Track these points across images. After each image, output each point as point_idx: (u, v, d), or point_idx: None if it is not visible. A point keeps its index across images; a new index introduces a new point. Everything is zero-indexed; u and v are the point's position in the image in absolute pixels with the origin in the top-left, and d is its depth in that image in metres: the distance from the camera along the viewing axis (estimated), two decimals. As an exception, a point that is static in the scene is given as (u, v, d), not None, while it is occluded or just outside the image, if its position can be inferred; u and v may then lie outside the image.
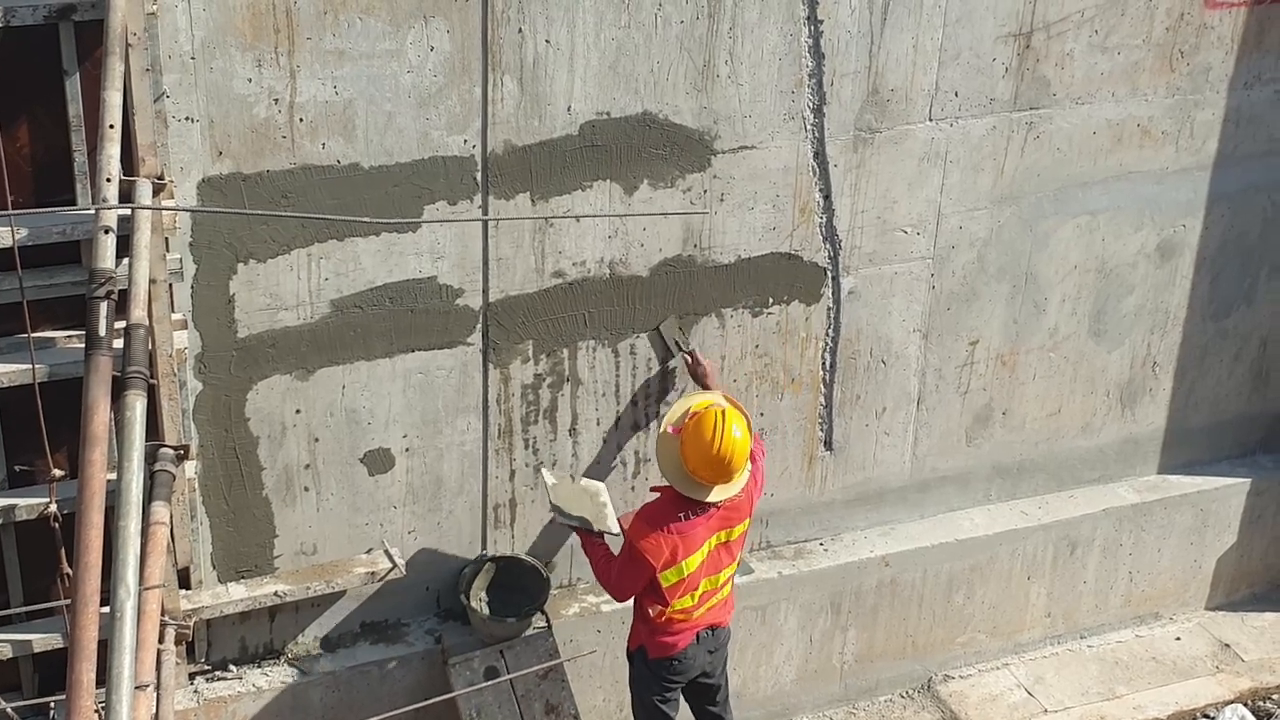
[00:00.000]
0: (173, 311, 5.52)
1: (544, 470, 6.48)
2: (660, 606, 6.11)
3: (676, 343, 6.63)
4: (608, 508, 6.34)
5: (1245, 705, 7.71)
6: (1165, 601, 8.34)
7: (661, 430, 6.09)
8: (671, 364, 6.72)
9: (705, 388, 6.53)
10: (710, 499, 5.98)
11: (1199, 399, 8.06)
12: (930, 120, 6.76)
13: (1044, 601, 7.96)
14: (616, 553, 6.19)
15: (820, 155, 6.61)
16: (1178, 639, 8.26)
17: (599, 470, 6.78)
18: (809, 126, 6.53)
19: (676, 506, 5.99)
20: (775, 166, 6.54)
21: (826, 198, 6.71)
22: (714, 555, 6.12)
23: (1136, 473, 8.11)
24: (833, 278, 6.89)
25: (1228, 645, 8.23)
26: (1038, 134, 7.00)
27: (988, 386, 7.46)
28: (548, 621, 6.76)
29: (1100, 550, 7.98)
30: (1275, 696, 7.86)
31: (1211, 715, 7.63)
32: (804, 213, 6.70)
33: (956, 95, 6.75)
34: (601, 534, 6.22)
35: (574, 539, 6.64)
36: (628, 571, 6.06)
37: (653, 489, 6.24)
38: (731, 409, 5.98)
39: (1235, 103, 7.36)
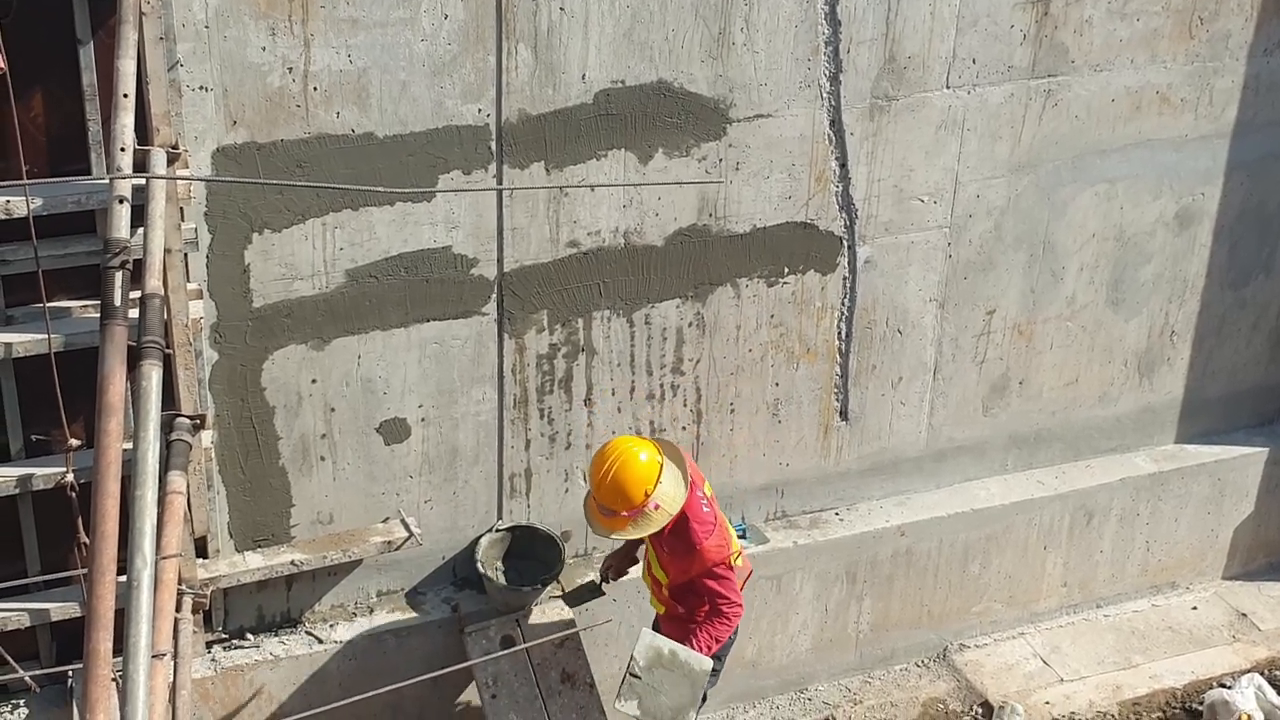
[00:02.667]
0: (188, 281, 5.53)
1: (620, 704, 5.97)
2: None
3: (589, 589, 6.79)
4: (678, 652, 5.97)
5: (1262, 674, 7.70)
6: (1182, 571, 8.33)
7: (607, 523, 6.00)
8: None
9: (634, 562, 6.67)
10: (674, 468, 5.98)
11: (1217, 368, 8.03)
12: (947, 88, 6.72)
13: (1060, 571, 7.96)
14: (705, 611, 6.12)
15: (836, 123, 6.58)
16: (1194, 608, 8.25)
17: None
18: (825, 94, 6.50)
19: (694, 509, 6.00)
20: (791, 135, 6.51)
21: (843, 166, 6.68)
22: (718, 510, 6.25)
23: (1154, 442, 8.08)
24: (849, 247, 6.86)
25: (1244, 614, 8.21)
26: (1056, 101, 6.95)
27: (1004, 356, 7.44)
28: (564, 591, 6.77)
29: (1117, 520, 7.96)
30: (1292, 666, 7.86)
31: (1228, 684, 7.63)
32: (820, 181, 6.67)
33: (974, 62, 6.71)
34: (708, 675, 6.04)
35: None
36: (729, 580, 6.06)
37: (676, 536, 6.11)
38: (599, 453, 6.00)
39: (1255, 70, 7.31)
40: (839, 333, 7.03)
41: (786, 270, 6.79)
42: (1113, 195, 7.29)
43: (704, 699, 6.14)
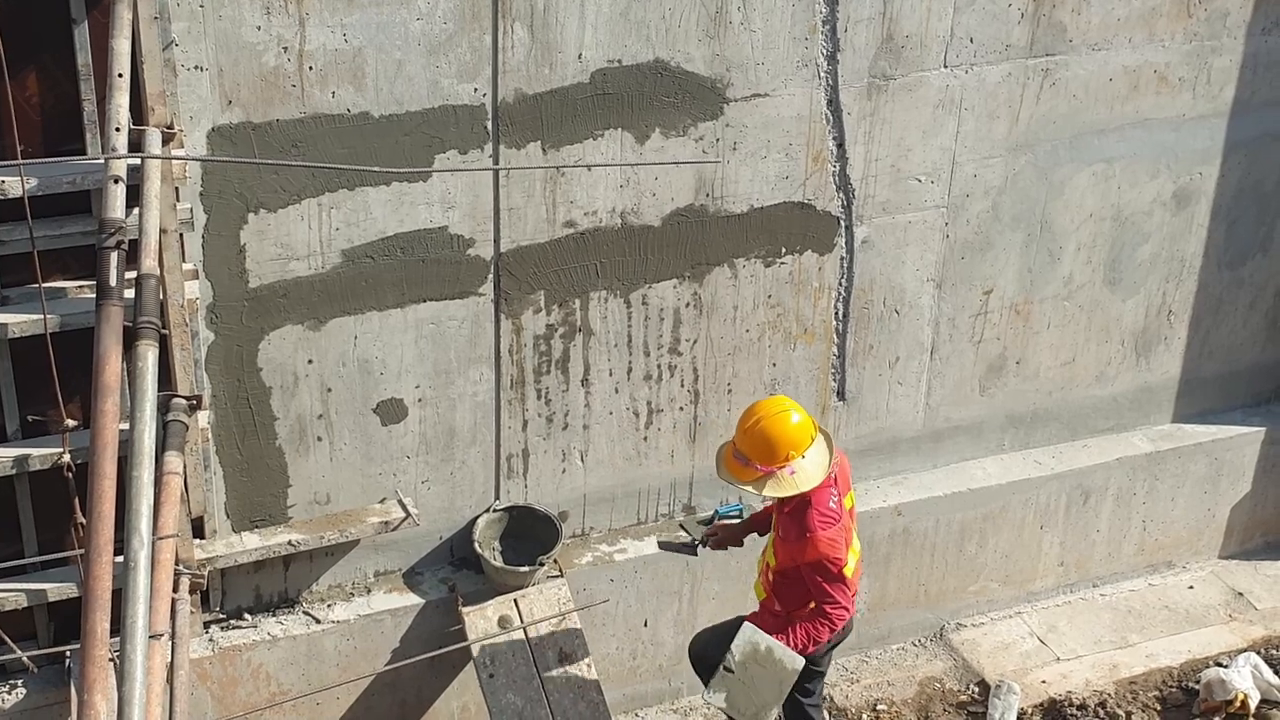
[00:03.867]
0: (184, 261, 5.51)
1: (708, 694, 5.93)
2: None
3: (692, 538, 6.67)
4: (773, 650, 5.92)
5: (1258, 653, 7.71)
6: (1178, 550, 8.34)
7: (740, 471, 5.85)
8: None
9: (739, 543, 6.56)
10: (822, 445, 5.86)
11: (1213, 348, 8.03)
12: (945, 67, 6.71)
13: (1057, 550, 7.97)
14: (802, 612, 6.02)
15: (834, 103, 6.57)
16: (1191, 588, 8.27)
17: (612, 422, 6.77)
18: (822, 74, 6.48)
19: (822, 499, 5.85)
20: (788, 114, 6.50)
21: (840, 146, 6.67)
22: (850, 518, 6.09)
23: (1150, 422, 8.09)
24: (846, 227, 6.85)
25: (1241, 594, 8.23)
26: (1053, 81, 6.94)
27: (1001, 336, 7.44)
28: (560, 570, 6.78)
29: (1114, 499, 7.97)
30: (1288, 645, 7.88)
31: (1224, 663, 7.64)
32: (817, 161, 6.66)
33: (972, 41, 6.69)
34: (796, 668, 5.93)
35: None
36: (838, 581, 5.90)
37: (773, 509, 6.08)
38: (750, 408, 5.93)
39: (1253, 49, 7.29)
40: (836, 313, 7.02)
41: (784, 250, 6.78)
42: (1110, 175, 7.28)
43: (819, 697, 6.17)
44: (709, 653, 6.13)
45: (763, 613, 6.16)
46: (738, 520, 6.91)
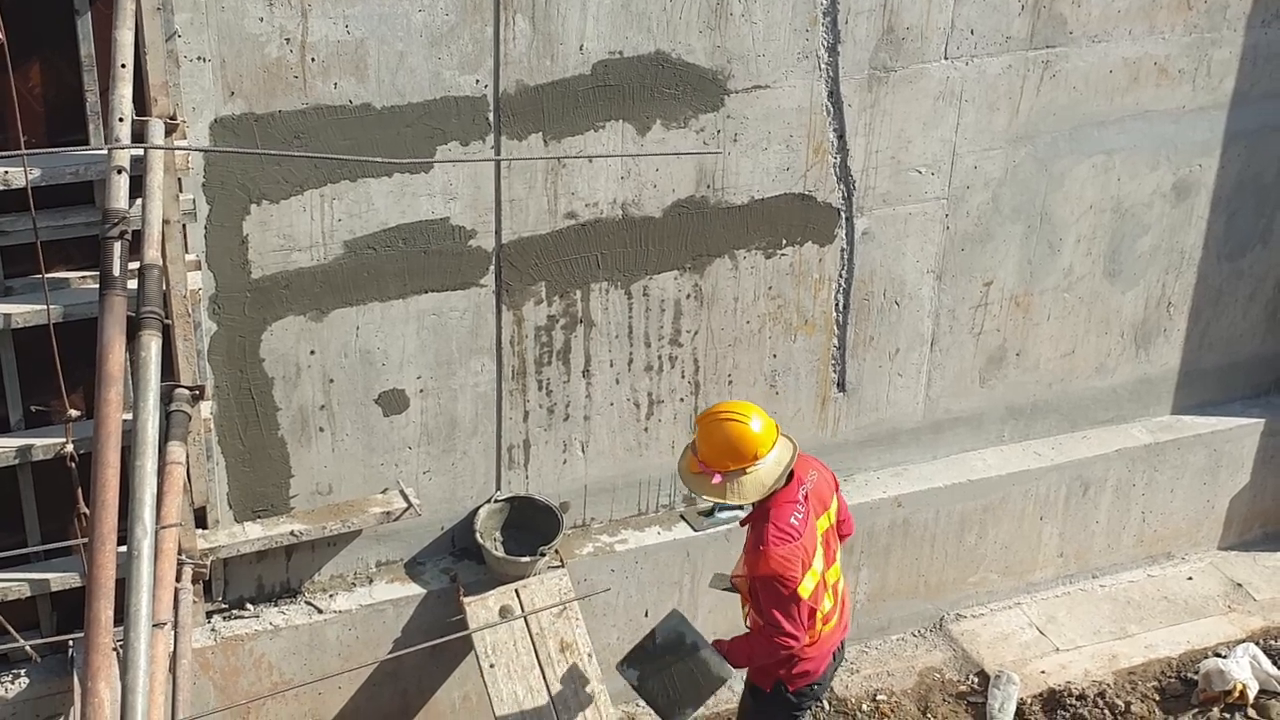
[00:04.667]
0: (186, 252, 5.53)
1: (622, 668, 5.90)
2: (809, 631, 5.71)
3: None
4: (701, 648, 5.80)
5: (1257, 644, 7.73)
6: (1178, 541, 8.36)
7: (694, 477, 5.66)
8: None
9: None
10: (783, 460, 5.59)
11: (1213, 339, 8.04)
12: (946, 59, 6.72)
13: (1056, 541, 7.99)
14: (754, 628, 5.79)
15: (835, 94, 6.58)
16: (1190, 579, 8.29)
17: (613, 413, 6.79)
18: (823, 65, 6.50)
19: (781, 515, 5.57)
20: (789, 106, 6.51)
21: (841, 138, 6.68)
22: (826, 544, 5.78)
23: (1150, 413, 8.10)
24: (846, 219, 6.87)
25: (1240, 585, 8.25)
26: (1054, 72, 6.95)
27: (1001, 327, 7.45)
28: (561, 561, 6.80)
29: (1113, 490, 7.99)
30: (1286, 636, 7.90)
31: (1223, 654, 7.66)
32: (818, 153, 6.67)
33: (972, 33, 6.70)
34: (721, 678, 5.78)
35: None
36: (791, 604, 5.53)
37: (742, 524, 5.86)
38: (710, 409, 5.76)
39: (1253, 40, 7.30)
40: (836, 304, 7.04)
41: (784, 242, 6.79)
42: (1110, 167, 7.30)
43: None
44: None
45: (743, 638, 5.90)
46: (738, 509, 6.95)
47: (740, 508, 6.73)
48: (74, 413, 5.54)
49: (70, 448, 5.47)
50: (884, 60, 6.59)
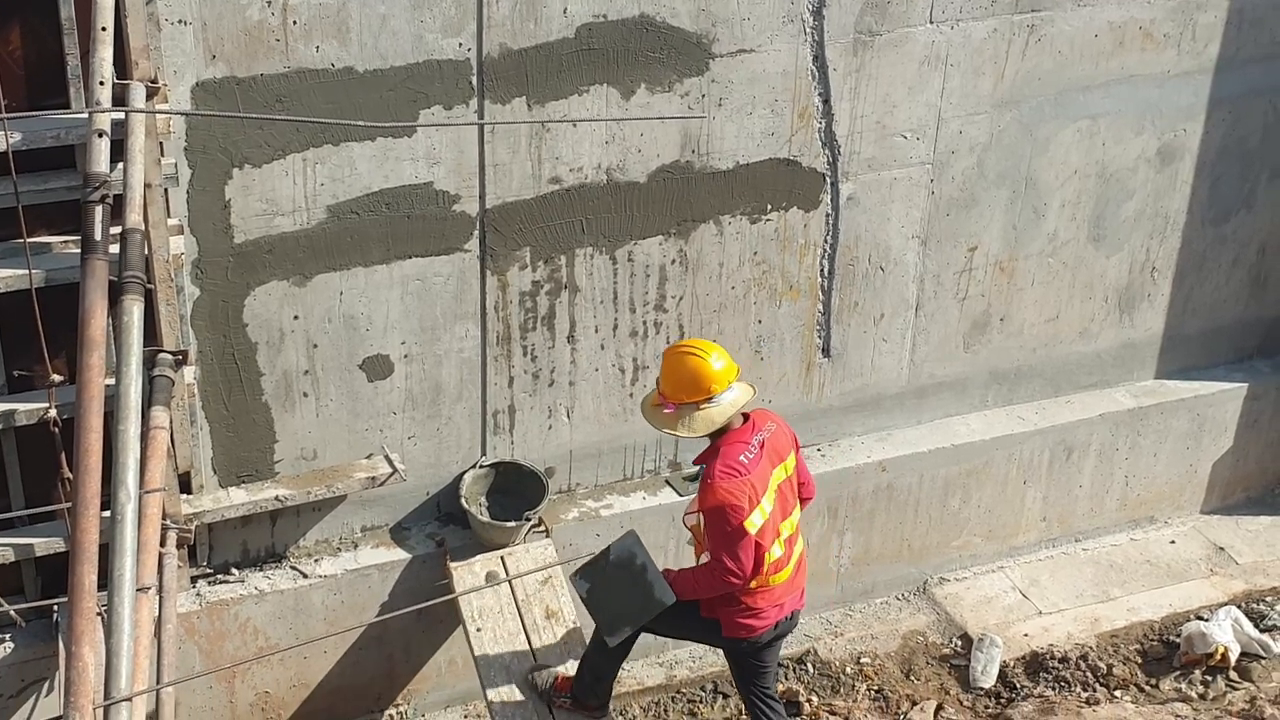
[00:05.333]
0: (169, 217, 5.51)
1: (575, 579, 5.98)
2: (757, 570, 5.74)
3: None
4: (649, 570, 5.85)
5: (1239, 607, 7.78)
6: (1160, 505, 8.40)
7: (650, 407, 5.80)
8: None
9: None
10: (739, 402, 5.70)
11: (1197, 304, 8.06)
12: (931, 23, 6.70)
13: (1039, 506, 8.02)
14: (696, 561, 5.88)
15: (820, 59, 6.56)
16: (1172, 542, 8.33)
17: (598, 378, 6.79)
18: (808, 29, 6.48)
19: (731, 453, 5.67)
20: (774, 70, 6.49)
21: (826, 102, 6.67)
22: (781, 493, 5.81)
23: (1134, 378, 8.13)
24: (831, 184, 6.86)
25: (1222, 548, 8.29)
26: (1039, 36, 6.93)
27: (986, 293, 7.46)
28: (546, 529, 6.81)
29: (1096, 455, 8.02)
30: (1268, 599, 7.93)
31: (1205, 617, 7.71)
32: (803, 118, 6.65)
33: (957, -3, 6.69)
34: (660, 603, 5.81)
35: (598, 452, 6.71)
36: (735, 536, 5.59)
37: (695, 462, 5.94)
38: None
39: (1238, 5, 7.29)
40: (821, 270, 7.04)
41: (769, 207, 6.79)
42: (1095, 131, 7.29)
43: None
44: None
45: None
46: None
47: None
48: (57, 378, 5.53)
49: (53, 413, 5.47)
50: (869, 24, 6.57)
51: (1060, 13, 6.91)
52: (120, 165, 4.63)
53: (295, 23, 5.59)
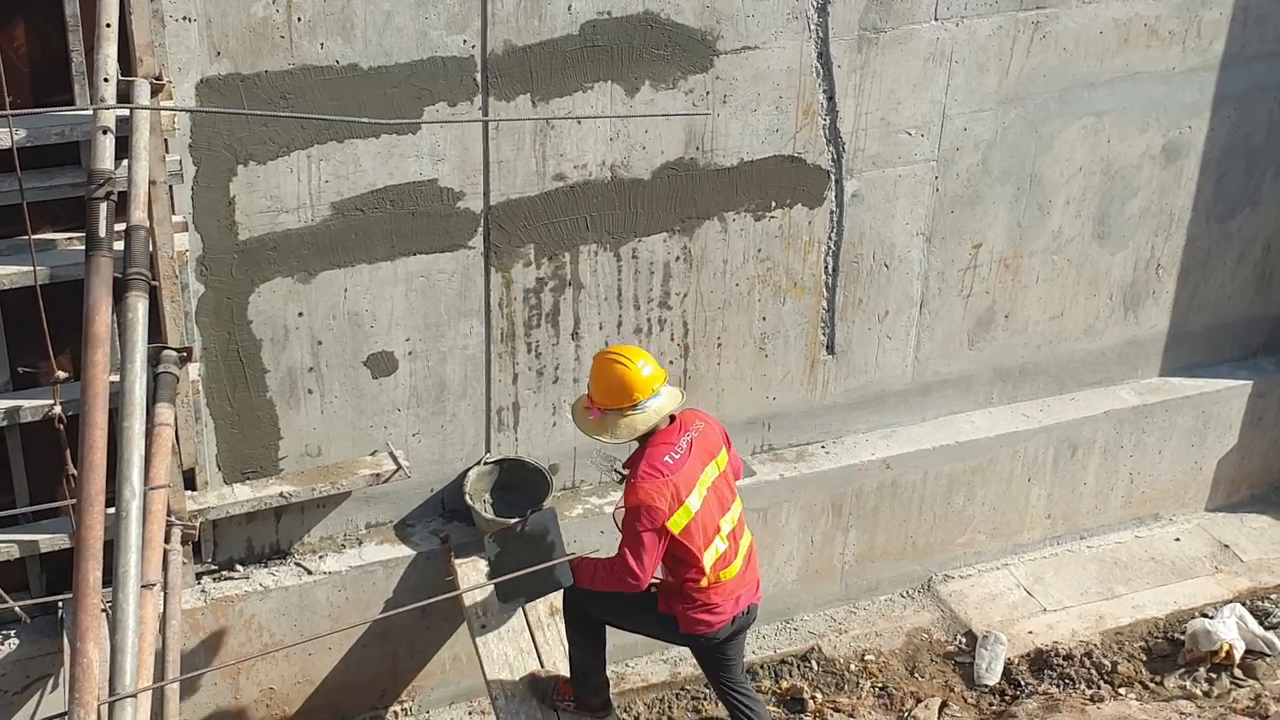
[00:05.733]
0: (173, 213, 5.51)
1: (488, 540, 6.13)
2: (696, 573, 5.74)
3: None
4: (556, 549, 5.99)
5: (1243, 605, 7.77)
6: (1165, 503, 8.40)
7: (580, 410, 5.82)
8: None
9: None
10: (664, 408, 5.70)
11: (1202, 302, 8.05)
12: (936, 19, 6.69)
13: (1044, 503, 8.02)
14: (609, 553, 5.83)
15: (824, 56, 6.55)
16: (1177, 540, 8.32)
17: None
18: (813, 26, 6.47)
19: (655, 455, 5.67)
20: (778, 67, 6.48)
21: (830, 99, 6.66)
22: (716, 490, 5.81)
23: (1138, 375, 8.12)
24: (836, 180, 6.86)
25: (1227, 546, 8.29)
26: (1044, 33, 6.93)
27: (990, 290, 7.46)
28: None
29: (1101, 452, 8.01)
30: (1273, 596, 7.92)
31: (1210, 614, 7.70)
32: (807, 114, 6.65)
33: (962, -6, 6.68)
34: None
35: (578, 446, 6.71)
36: (643, 539, 5.60)
37: (624, 466, 5.93)
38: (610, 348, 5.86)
39: (1243, 2, 7.28)
40: (826, 267, 7.03)
41: (774, 204, 6.78)
42: (1100, 128, 7.29)
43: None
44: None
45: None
46: None
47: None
48: (61, 374, 5.53)
49: (58, 409, 5.47)
50: (874, 21, 6.57)
51: (1065, 9, 6.91)
52: (125, 162, 4.63)
53: (300, 19, 5.59)
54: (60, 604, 6.01)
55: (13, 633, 6.09)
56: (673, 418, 5.81)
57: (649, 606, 5.93)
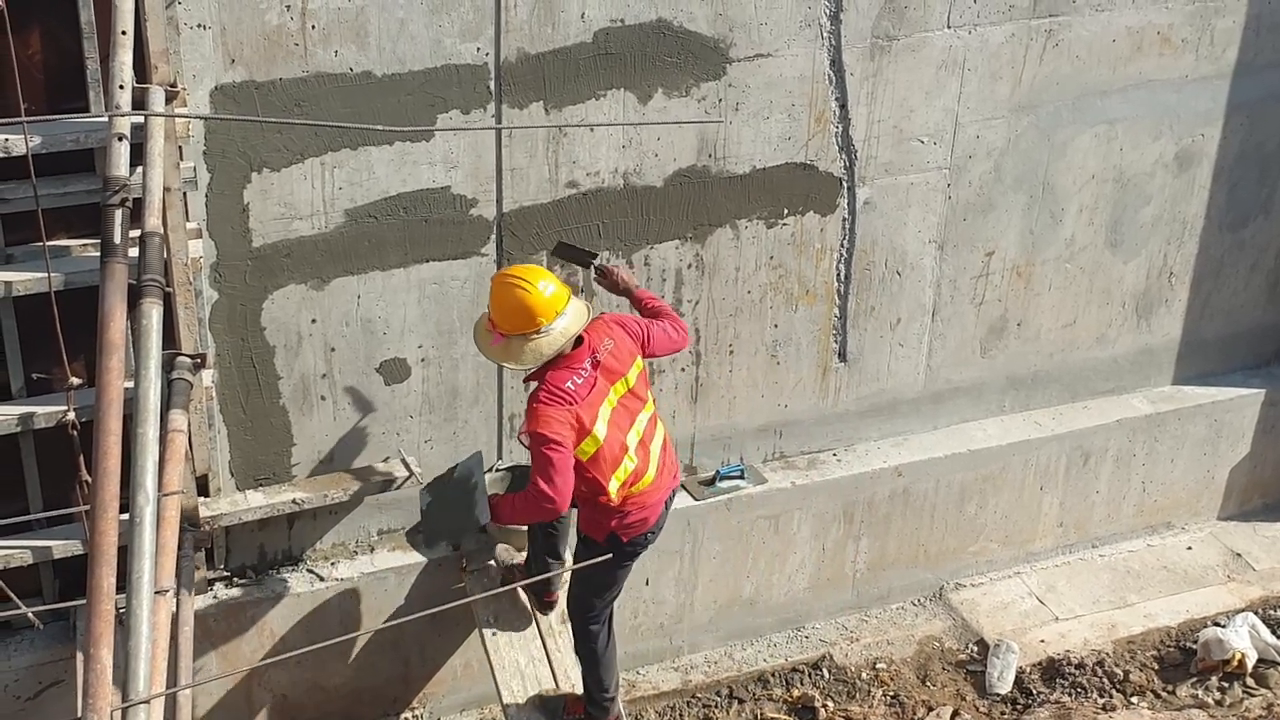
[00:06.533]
0: (187, 220, 5.52)
1: (420, 491, 6.10)
2: (605, 496, 5.71)
3: (585, 251, 6.22)
4: (477, 489, 5.94)
5: (1256, 613, 7.76)
6: (1177, 511, 8.38)
7: (481, 332, 5.66)
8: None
9: (631, 296, 6.14)
10: (570, 330, 5.54)
11: (1214, 310, 8.04)
12: (948, 27, 6.69)
13: (1056, 511, 8.00)
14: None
15: (837, 63, 6.56)
16: (1189, 548, 8.31)
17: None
18: (825, 34, 6.47)
19: (558, 378, 5.56)
20: (791, 75, 6.49)
21: (843, 107, 6.66)
22: (621, 407, 5.73)
23: (1151, 383, 8.11)
24: (848, 188, 6.86)
25: (1239, 554, 8.27)
26: (1057, 41, 6.93)
27: (1003, 298, 7.45)
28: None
29: (1113, 461, 8.00)
30: (1285, 606, 7.92)
31: (1222, 623, 7.69)
32: (820, 122, 6.65)
33: (975, 2, 6.68)
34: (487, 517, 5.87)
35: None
36: (553, 462, 5.49)
37: (525, 381, 5.83)
38: (511, 268, 5.67)
39: (1256, 10, 7.27)
40: (838, 274, 7.03)
41: (786, 211, 6.78)
42: (1113, 136, 7.28)
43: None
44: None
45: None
46: (739, 478, 7.01)
47: (740, 471, 6.77)
48: (75, 380, 5.54)
49: (72, 415, 5.48)
50: (886, 28, 6.57)
51: (1078, 18, 6.90)
52: (139, 169, 4.64)
53: (314, 27, 5.61)
54: (73, 610, 6.03)
55: (26, 639, 6.10)
56: (580, 338, 5.65)
57: (589, 544, 5.89)
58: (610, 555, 5.75)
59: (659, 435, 5.95)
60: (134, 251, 4.35)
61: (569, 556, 6.36)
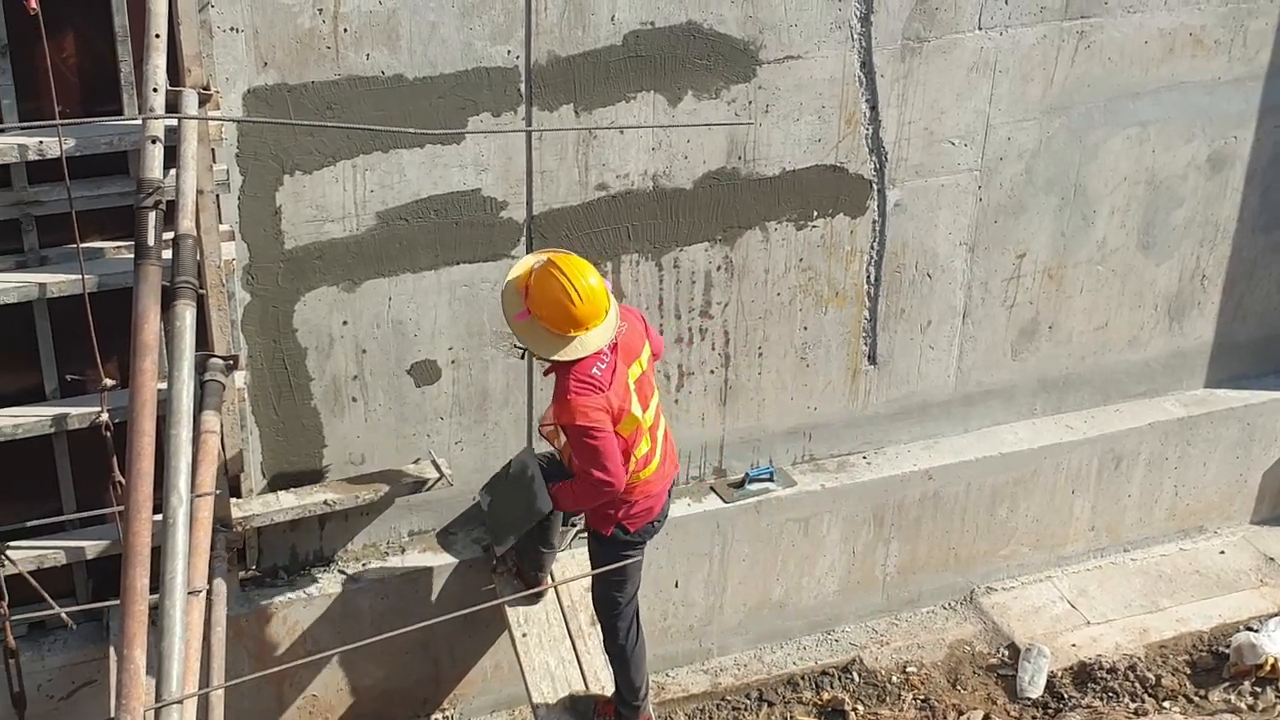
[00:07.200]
0: (220, 222, 5.55)
1: (480, 492, 6.31)
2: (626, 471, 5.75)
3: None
4: (535, 481, 5.99)
5: (1289, 619, 7.72)
6: (1210, 515, 8.33)
7: (511, 295, 5.64)
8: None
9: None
10: (602, 341, 5.60)
11: (1247, 312, 7.99)
12: (980, 29, 6.67)
13: (1088, 515, 7.97)
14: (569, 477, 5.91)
15: (867, 65, 6.55)
16: (1222, 552, 8.26)
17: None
18: (856, 35, 6.46)
19: (584, 365, 5.59)
20: (821, 77, 6.48)
21: (873, 109, 6.65)
22: (640, 389, 5.79)
23: (1183, 386, 8.06)
24: (878, 190, 6.84)
25: (1272, 558, 8.22)
26: (1089, 43, 6.90)
27: (1034, 300, 7.42)
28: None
29: (1145, 464, 7.96)
30: (1319, 610, 7.87)
31: (1255, 627, 7.64)
32: (850, 124, 6.64)
33: (1006, 3, 6.66)
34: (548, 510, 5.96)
35: None
36: (600, 450, 5.58)
37: (545, 374, 5.89)
38: (563, 257, 5.62)
39: (1291, 11, 7.23)
40: (868, 276, 7.02)
41: (815, 213, 6.78)
42: (1145, 138, 7.25)
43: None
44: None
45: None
46: (768, 481, 7.00)
47: (770, 474, 6.78)
48: (109, 382, 5.57)
49: (105, 416, 5.50)
50: (917, 30, 6.56)
51: (1110, 19, 6.87)
52: (172, 171, 4.67)
53: (346, 30, 5.63)
54: (106, 610, 6.06)
55: (59, 639, 6.14)
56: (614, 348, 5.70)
57: (600, 540, 5.98)
58: (617, 564, 5.89)
59: (663, 423, 6.04)
60: (167, 254, 4.38)
61: (558, 543, 6.48)
